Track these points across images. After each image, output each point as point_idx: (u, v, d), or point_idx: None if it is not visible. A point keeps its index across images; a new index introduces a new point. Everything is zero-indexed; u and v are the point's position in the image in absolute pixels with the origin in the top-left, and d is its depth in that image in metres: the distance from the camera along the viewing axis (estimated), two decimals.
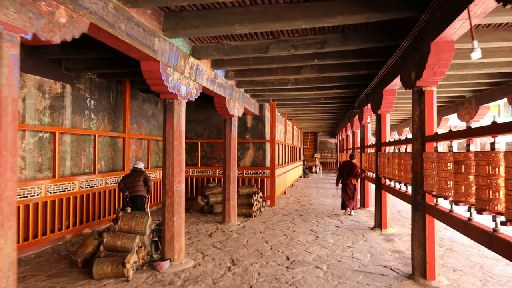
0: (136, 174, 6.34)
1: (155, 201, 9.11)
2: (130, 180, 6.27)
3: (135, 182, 6.24)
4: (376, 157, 7.23)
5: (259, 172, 10.31)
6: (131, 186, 6.22)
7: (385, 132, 7.10)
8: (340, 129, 19.36)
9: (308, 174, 22.28)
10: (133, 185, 6.21)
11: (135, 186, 6.23)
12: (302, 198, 12.01)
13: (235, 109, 7.76)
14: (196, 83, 5.47)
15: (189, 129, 10.85)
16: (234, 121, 7.81)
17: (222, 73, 6.69)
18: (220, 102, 7.10)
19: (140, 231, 4.65)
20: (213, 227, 7.32)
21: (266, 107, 10.62)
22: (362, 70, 6.34)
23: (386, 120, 7.11)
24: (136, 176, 6.31)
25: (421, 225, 4.34)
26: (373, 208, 9.74)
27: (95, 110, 6.93)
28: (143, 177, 6.40)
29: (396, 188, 5.93)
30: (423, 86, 4.35)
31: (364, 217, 8.52)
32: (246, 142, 10.50)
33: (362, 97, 8.77)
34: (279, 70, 6.57)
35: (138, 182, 6.29)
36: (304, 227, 7.37)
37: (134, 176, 6.29)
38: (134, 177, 6.28)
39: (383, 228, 7.00)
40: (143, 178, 6.39)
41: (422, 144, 4.36)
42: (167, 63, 4.41)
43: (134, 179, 6.26)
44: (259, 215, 8.68)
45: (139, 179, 6.33)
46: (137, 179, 6.28)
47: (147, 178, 6.46)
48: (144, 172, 6.50)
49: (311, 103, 10.97)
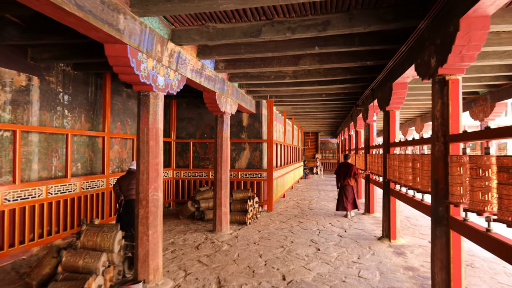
0: (133, 176, 5.87)
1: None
2: (126, 182, 5.77)
3: (131, 184, 5.78)
4: (384, 159, 6.47)
5: (255, 174, 9.56)
6: (126, 189, 5.73)
7: (394, 131, 6.33)
8: (342, 128, 18.59)
9: (309, 175, 21.52)
10: (129, 188, 5.74)
11: (131, 189, 5.75)
12: (302, 201, 11.25)
13: (227, 106, 7.01)
14: (178, 74, 4.72)
15: (180, 128, 10.11)
16: (227, 119, 7.06)
17: (211, 64, 5.94)
18: (209, 97, 6.35)
19: (107, 248, 3.90)
20: (202, 236, 6.57)
21: (263, 105, 9.87)
22: (369, 61, 5.58)
23: (395, 117, 6.35)
24: (132, 178, 5.84)
25: (443, 244, 3.58)
26: (379, 214, 9.00)
27: (69, 106, 6.18)
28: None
29: (409, 195, 5.17)
30: (447, 74, 3.59)
31: (370, 224, 7.76)
32: (241, 142, 9.75)
33: (368, 93, 8.01)
34: (275, 60, 5.82)
35: (134, 185, 5.85)
36: (303, 236, 6.62)
37: (130, 179, 5.82)
38: (130, 179, 5.81)
39: (392, 239, 6.24)
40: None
41: (445, 144, 3.60)
42: (137, 47, 3.67)
43: (130, 181, 5.80)
44: (255, 222, 7.93)
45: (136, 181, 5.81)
46: (133, 181, 5.82)
47: None
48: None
49: (311, 101, 10.22)
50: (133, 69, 3.66)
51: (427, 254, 5.51)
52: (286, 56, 5.78)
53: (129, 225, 6.42)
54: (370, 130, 9.00)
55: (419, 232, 7.12)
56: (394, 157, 5.72)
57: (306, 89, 8.26)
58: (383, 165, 6.55)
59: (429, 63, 3.82)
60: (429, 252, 5.65)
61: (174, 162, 9.97)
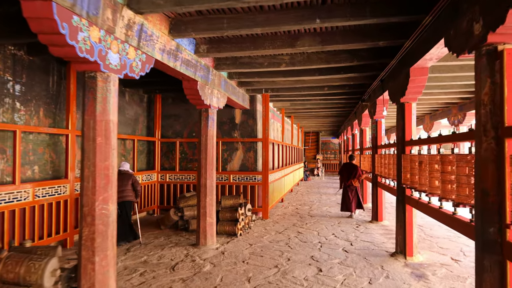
0: (123, 177, 5.85)
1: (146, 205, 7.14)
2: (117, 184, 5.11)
3: (122, 186, 5.75)
4: (398, 161, 5.44)
5: (249, 177, 8.53)
6: (118, 191, 5.46)
7: (410, 127, 5.31)
8: (345, 128, 17.56)
9: (309, 177, 20.49)
10: (120, 190, 5.66)
11: (123, 190, 5.77)
12: (302, 207, 10.22)
13: (213, 99, 5.99)
14: (142, 53, 3.72)
15: (166, 126, 9.10)
16: (212, 114, 6.04)
17: (190, 46, 4.93)
18: (190, 87, 5.33)
19: (34, 282, 2.89)
20: (182, 252, 5.55)
21: (258, 100, 8.85)
22: (382, 40, 4.56)
23: (411, 111, 5.33)
24: (123, 179, 5.82)
25: (495, 280, 2.55)
26: (388, 222, 7.97)
27: (22, 98, 5.17)
28: (131, 180, 5.98)
29: (433, 206, 4.15)
30: (499, 43, 2.57)
31: (379, 235, 6.72)
32: (234, 141, 8.74)
33: (376, 84, 6.99)
34: (268, 41, 4.81)
35: (126, 186, 5.82)
36: (302, 251, 5.60)
37: (121, 180, 5.73)
38: (122, 181, 5.74)
39: (408, 256, 5.22)
40: (131, 182, 5.98)
41: (496, 140, 2.58)
42: (71, 7, 2.65)
43: (122, 182, 5.76)
44: (247, 233, 6.91)
45: (127, 183, 5.89)
46: (125, 182, 5.82)
47: (136, 182, 6.07)
48: (132, 175, 6.07)
49: (312, 95, 9.20)
50: (64, 38, 2.65)
51: (453, 277, 4.49)
52: (280, 35, 4.77)
53: (126, 231, 5.88)
54: (378, 127, 7.98)
55: (437, 245, 6.09)
56: (412, 158, 4.70)
57: (306, 80, 7.24)
58: (396, 167, 5.53)
59: (471, 31, 2.80)
60: (455, 273, 4.64)
61: (159, 164, 8.95)
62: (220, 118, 8.81)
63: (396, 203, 5.59)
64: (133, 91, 8.40)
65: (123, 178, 5.83)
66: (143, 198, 8.28)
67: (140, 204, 8.21)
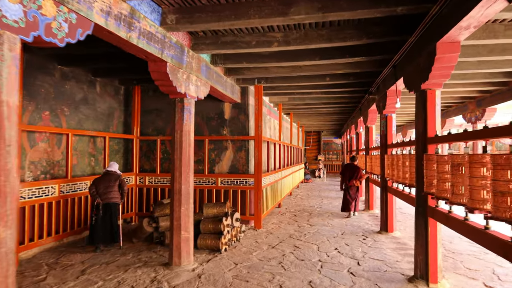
0: (110, 178, 5.62)
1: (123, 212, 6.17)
2: (103, 185, 5.53)
3: (109, 187, 5.54)
4: (418, 163, 4.35)
5: (240, 181, 7.46)
6: (104, 191, 5.50)
7: (434, 120, 4.22)
8: (348, 126, 16.46)
9: (310, 179, 19.39)
10: (106, 191, 5.51)
11: (109, 192, 5.53)
12: (301, 214, 9.13)
13: (191, 86, 4.92)
14: (70, 11, 2.65)
15: (146, 123, 8.05)
16: (189, 105, 4.96)
17: (154, 15, 3.85)
18: (157, 70, 4.26)
19: None
20: (148, 276, 4.47)
21: (250, 92, 7.78)
22: (400, 6, 3.48)
23: (435, 100, 4.23)
24: (110, 180, 5.60)
25: None
26: (401, 234, 6.85)
27: None
28: (118, 181, 5.69)
29: (474, 225, 3.06)
30: None
31: (391, 251, 5.63)
32: (223, 139, 7.67)
33: (387, 72, 5.90)
34: (253, 8, 3.72)
35: (112, 188, 5.57)
36: (298, 274, 4.52)
37: (108, 180, 5.58)
38: (108, 181, 5.57)
39: (431, 282, 4.13)
40: (118, 183, 5.68)
41: None
42: None
43: (108, 183, 5.55)
44: (234, 247, 5.83)
45: (114, 184, 5.61)
46: (111, 183, 5.58)
47: (123, 183, 5.76)
48: (119, 176, 5.77)
49: (311, 87, 8.12)
50: None
51: None
52: (268, 0, 3.69)
53: (106, 234, 5.51)
54: (388, 123, 6.88)
55: (463, 265, 4.99)
56: (440, 160, 3.61)
57: (304, 66, 6.16)
58: (416, 170, 4.44)
59: None
60: None
61: (138, 165, 7.89)
62: (207, 113, 7.75)
63: (416, 215, 4.50)
64: (106, 81, 7.34)
65: (109, 179, 5.60)
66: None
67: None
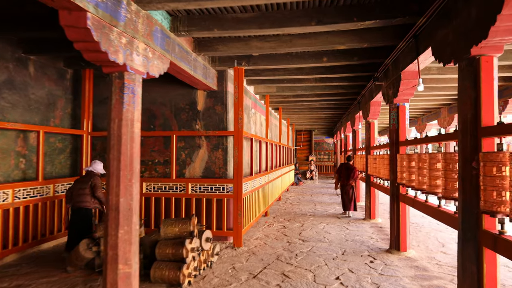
0: (84, 179, 4.88)
1: (64, 229, 4.74)
2: (77, 186, 4.83)
3: (80, 189, 4.79)
4: (466, 165, 2.95)
5: (216, 187, 5.99)
6: (77, 194, 4.78)
7: (491, 101, 2.83)
8: (342, 124, 15.11)
9: (301, 181, 18.00)
10: (78, 193, 4.78)
11: (80, 195, 4.77)
12: (291, 224, 7.70)
13: (135, 55, 3.43)
14: None
15: (100, 116, 6.53)
16: (132, 83, 3.45)
17: None
18: (72, 22, 2.74)
19: None
20: None
21: (229, 77, 6.32)
22: None
23: (492, 71, 2.84)
24: (83, 181, 4.85)
25: None
26: (415, 253, 5.37)
27: None
28: (90, 183, 4.81)
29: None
30: None
31: (409, 280, 4.20)
32: (195, 135, 6.19)
33: (403, 47, 4.52)
34: None
35: (84, 190, 4.78)
36: None
37: (82, 182, 4.86)
38: (81, 183, 4.85)
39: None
40: (90, 184, 4.81)
41: None
42: None
43: (81, 185, 4.82)
44: (202, 277, 4.34)
45: (86, 186, 4.80)
46: (84, 186, 4.80)
47: (95, 186, 4.81)
48: (95, 175, 4.91)
49: (304, 71, 6.69)
50: None
51: None
52: None
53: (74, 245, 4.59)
54: (400, 115, 5.50)
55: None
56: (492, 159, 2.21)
57: (295, 36, 4.72)
58: (459, 177, 3.03)
59: None
60: None
61: None
62: (175, 103, 6.26)
63: (462, 244, 3.10)
64: (46, 61, 5.76)
65: (83, 180, 4.87)
66: (57, 221, 5.68)
67: (51, 228, 5.60)
